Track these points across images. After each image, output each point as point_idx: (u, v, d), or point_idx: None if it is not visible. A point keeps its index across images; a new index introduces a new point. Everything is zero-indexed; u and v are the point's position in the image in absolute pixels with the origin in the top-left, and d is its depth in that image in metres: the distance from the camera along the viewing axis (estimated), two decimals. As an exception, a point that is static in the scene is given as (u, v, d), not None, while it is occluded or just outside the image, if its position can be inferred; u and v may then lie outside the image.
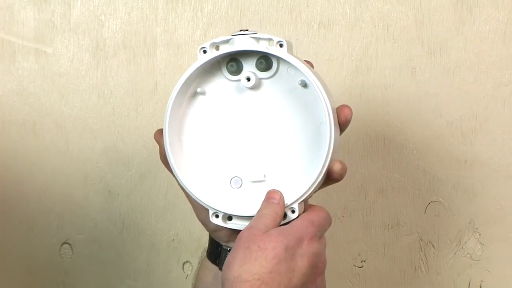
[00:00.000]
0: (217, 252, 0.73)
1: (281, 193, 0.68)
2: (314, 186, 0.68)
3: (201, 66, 0.69)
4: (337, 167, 0.68)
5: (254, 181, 0.71)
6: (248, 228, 0.65)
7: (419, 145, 0.98)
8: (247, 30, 0.70)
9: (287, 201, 0.68)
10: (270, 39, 0.69)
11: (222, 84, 0.71)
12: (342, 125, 0.70)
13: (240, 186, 0.71)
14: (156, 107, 0.98)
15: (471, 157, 0.98)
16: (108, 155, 0.99)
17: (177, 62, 0.98)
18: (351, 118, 0.70)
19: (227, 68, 0.71)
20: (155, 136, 0.72)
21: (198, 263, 0.77)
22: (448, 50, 0.97)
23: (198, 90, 0.71)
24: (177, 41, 0.98)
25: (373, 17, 0.97)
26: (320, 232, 0.67)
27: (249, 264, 0.61)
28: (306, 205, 0.70)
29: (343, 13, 0.97)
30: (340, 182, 0.69)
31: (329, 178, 0.69)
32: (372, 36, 0.97)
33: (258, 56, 0.70)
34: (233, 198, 0.71)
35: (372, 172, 0.98)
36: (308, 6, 0.97)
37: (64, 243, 1.01)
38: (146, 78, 0.98)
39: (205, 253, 0.75)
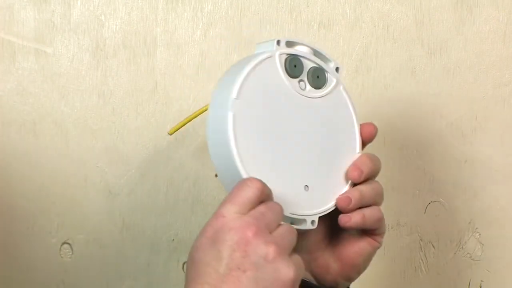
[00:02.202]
0: None
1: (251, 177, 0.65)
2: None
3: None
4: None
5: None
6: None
7: (419, 145, 0.98)
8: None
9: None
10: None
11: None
12: (365, 140, 0.72)
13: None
14: (156, 107, 0.98)
15: (471, 157, 0.98)
16: (108, 155, 0.99)
17: (177, 62, 0.98)
18: (376, 133, 0.72)
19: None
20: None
21: None
22: (448, 50, 0.97)
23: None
24: (177, 41, 0.98)
25: (373, 17, 0.97)
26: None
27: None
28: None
29: (343, 13, 0.97)
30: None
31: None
32: (372, 36, 0.97)
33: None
34: None
35: (372, 172, 0.98)
36: (308, 6, 0.97)
37: (64, 243, 1.01)
38: (146, 78, 0.98)
39: None
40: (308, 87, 0.71)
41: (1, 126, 0.98)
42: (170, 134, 0.82)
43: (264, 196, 0.63)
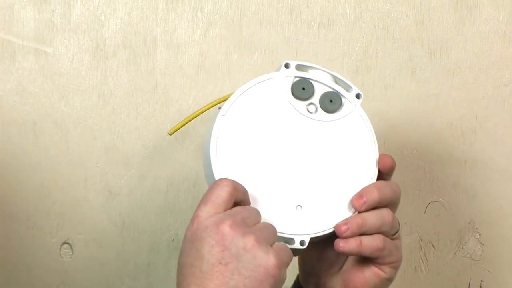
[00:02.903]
0: None
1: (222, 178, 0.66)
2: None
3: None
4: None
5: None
6: None
7: (419, 145, 0.98)
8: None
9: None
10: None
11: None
12: (381, 171, 0.71)
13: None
14: (156, 107, 0.98)
15: (471, 157, 0.98)
16: (108, 155, 0.99)
17: (177, 62, 0.98)
18: (393, 166, 0.71)
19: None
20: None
21: None
22: (448, 50, 0.97)
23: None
24: (177, 41, 0.98)
25: (373, 17, 0.97)
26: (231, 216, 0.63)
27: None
28: None
29: (343, 13, 0.97)
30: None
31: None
32: (372, 36, 0.97)
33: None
34: None
35: (372, 172, 0.98)
36: (308, 6, 0.97)
37: (64, 243, 1.01)
38: (146, 78, 0.98)
39: None
40: (320, 110, 0.71)
41: (1, 126, 0.98)
42: (170, 134, 0.82)
43: (239, 194, 0.64)
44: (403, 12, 0.97)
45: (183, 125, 0.81)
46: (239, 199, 0.64)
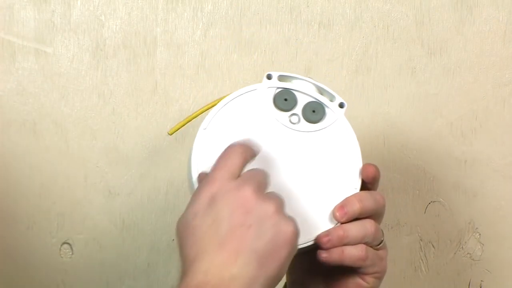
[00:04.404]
0: None
1: (200, 172, 0.67)
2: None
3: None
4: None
5: None
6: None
7: (419, 145, 0.98)
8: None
9: None
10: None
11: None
12: (365, 180, 0.70)
13: None
14: (156, 107, 0.98)
15: (471, 157, 0.98)
16: (108, 155, 0.99)
17: (177, 62, 0.98)
18: (376, 175, 0.70)
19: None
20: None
21: None
22: (448, 50, 0.97)
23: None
24: (177, 41, 0.98)
25: (373, 17, 0.97)
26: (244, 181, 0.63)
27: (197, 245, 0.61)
28: None
29: (343, 13, 0.97)
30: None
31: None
32: (372, 36, 0.97)
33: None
34: None
35: (372, 172, 0.98)
36: (308, 6, 0.97)
37: (64, 243, 1.01)
38: (146, 78, 0.98)
39: None
40: (302, 121, 0.71)
41: (1, 126, 0.98)
42: (170, 134, 0.82)
43: (250, 157, 0.65)
44: (403, 12, 0.97)
45: (183, 125, 0.81)
46: (250, 159, 0.65)
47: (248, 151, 0.65)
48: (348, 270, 0.69)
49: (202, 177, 0.66)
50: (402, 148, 0.98)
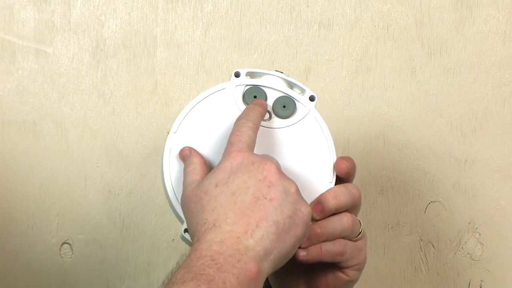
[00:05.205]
0: None
1: (189, 147, 0.67)
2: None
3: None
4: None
5: None
6: (183, 191, 0.65)
7: (419, 145, 0.99)
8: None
9: None
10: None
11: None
12: (340, 175, 0.69)
13: None
14: (156, 107, 0.98)
15: (471, 157, 0.98)
16: (108, 155, 0.99)
17: (177, 62, 0.98)
18: (350, 170, 0.69)
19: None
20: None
21: None
22: (448, 50, 0.97)
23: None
24: (177, 41, 0.98)
25: (373, 17, 0.97)
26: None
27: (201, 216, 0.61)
28: None
29: (343, 13, 0.97)
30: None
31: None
32: (372, 36, 0.97)
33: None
34: None
35: (372, 172, 0.98)
36: (308, 6, 0.97)
37: (64, 243, 1.01)
38: (146, 78, 0.98)
39: None
40: (274, 117, 0.70)
41: (1, 126, 0.98)
42: (170, 134, 0.82)
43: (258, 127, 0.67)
44: (403, 12, 0.97)
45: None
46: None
47: (258, 124, 0.66)
48: (327, 265, 0.69)
49: (186, 153, 0.67)
50: (402, 148, 0.98)
